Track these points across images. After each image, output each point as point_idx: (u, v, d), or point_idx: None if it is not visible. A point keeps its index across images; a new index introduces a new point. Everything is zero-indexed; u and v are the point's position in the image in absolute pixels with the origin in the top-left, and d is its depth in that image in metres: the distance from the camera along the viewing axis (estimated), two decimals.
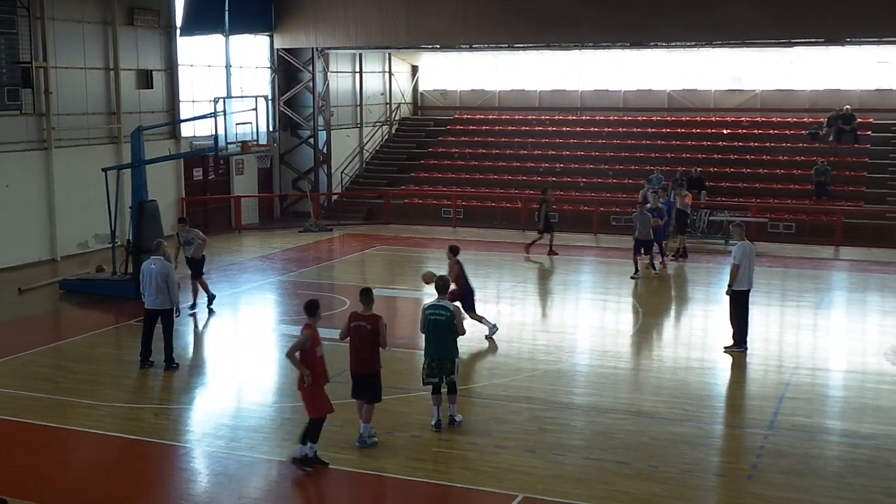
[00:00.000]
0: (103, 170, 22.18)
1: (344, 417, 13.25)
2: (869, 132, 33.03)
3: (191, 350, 17.73)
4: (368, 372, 12.37)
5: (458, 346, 13.12)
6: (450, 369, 12.89)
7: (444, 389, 13.03)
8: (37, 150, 25.66)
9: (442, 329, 12.83)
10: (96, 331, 18.70)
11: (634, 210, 24.39)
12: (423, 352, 13.12)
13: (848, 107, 32.89)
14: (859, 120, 32.81)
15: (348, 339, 12.45)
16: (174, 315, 16.01)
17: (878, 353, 17.11)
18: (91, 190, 24.82)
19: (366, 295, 12.51)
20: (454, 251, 17.63)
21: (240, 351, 18.20)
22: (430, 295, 14.71)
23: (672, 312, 21.25)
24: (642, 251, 23.63)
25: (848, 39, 29.17)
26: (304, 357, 11.72)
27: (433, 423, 13.03)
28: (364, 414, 12.49)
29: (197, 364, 16.81)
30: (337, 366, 15.48)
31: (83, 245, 26.87)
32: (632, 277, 23.27)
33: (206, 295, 20.24)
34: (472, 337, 16.31)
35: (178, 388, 15.20)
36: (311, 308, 11.96)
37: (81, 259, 25.80)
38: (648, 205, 24.68)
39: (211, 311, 20.01)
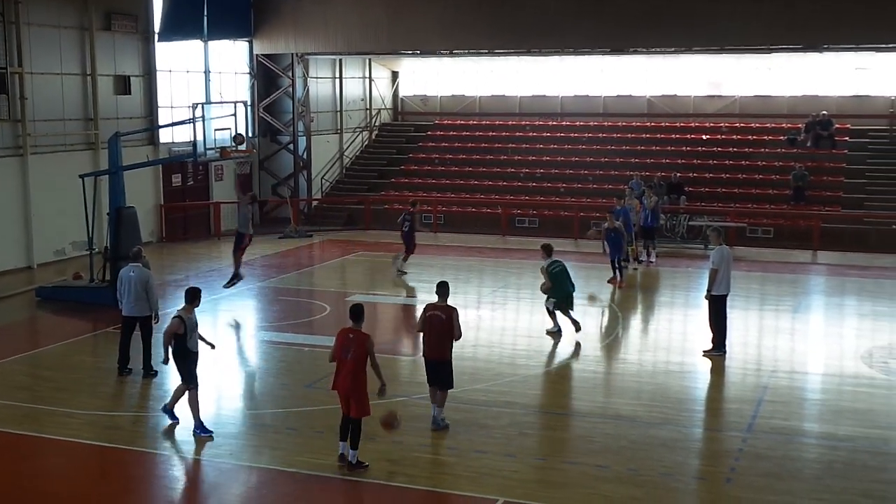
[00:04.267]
0: (81, 176, 22.05)
1: (322, 423, 13.23)
2: (846, 138, 33.27)
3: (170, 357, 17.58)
4: (441, 359, 12.95)
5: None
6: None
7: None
8: (12, 157, 25.45)
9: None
10: (74, 338, 18.57)
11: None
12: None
13: (825, 112, 33.11)
14: (837, 126, 33.03)
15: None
16: (153, 322, 15.92)
17: (856, 357, 17.21)
18: (68, 197, 24.63)
19: (442, 287, 13.15)
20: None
21: (219, 358, 18.12)
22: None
23: (651, 317, 21.31)
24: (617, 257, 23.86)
25: (826, 46, 29.37)
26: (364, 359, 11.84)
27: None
28: (438, 399, 13.12)
29: (176, 371, 16.65)
30: (318, 371, 15.49)
31: (60, 252, 26.65)
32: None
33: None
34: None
35: (156, 396, 15.09)
36: (359, 313, 12.18)
37: (58, 266, 25.61)
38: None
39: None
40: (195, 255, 27.67)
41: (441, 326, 12.87)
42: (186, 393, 13.20)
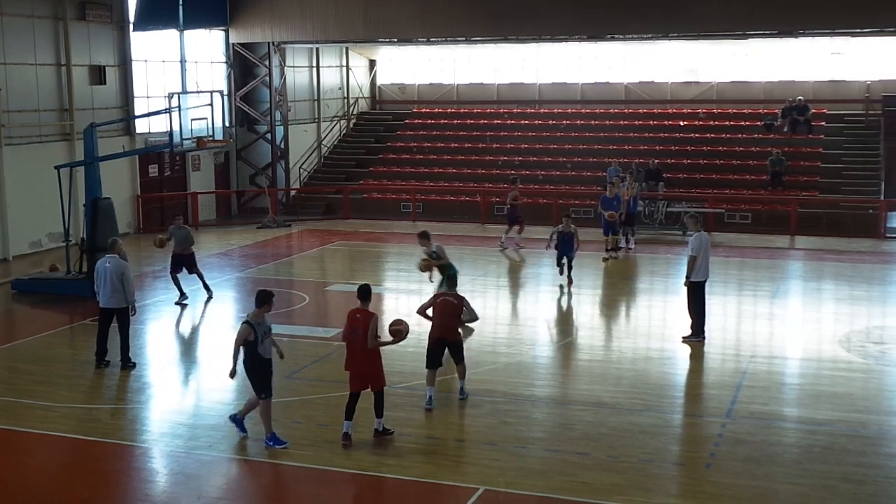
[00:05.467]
0: (56, 167, 21.86)
1: (303, 413, 13.20)
2: (823, 122, 33.43)
3: (147, 349, 17.50)
4: (452, 337, 13.80)
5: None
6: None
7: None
8: None
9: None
10: (51, 331, 18.43)
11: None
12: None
13: (801, 98, 33.26)
14: (813, 111, 33.18)
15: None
16: (130, 313, 15.82)
17: (834, 341, 17.33)
18: (43, 188, 24.43)
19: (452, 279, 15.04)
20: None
21: (198, 349, 18.06)
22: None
23: (631, 303, 21.36)
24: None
25: (801, 31, 29.49)
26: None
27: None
28: (458, 373, 14.00)
29: (154, 363, 16.60)
30: (299, 362, 15.45)
31: (36, 244, 26.45)
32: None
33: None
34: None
35: (134, 388, 15.02)
36: (366, 293, 12.46)
37: (34, 258, 25.41)
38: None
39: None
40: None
41: (452, 309, 13.79)
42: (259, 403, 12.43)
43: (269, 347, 12.27)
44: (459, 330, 14.12)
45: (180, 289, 20.53)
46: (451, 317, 13.83)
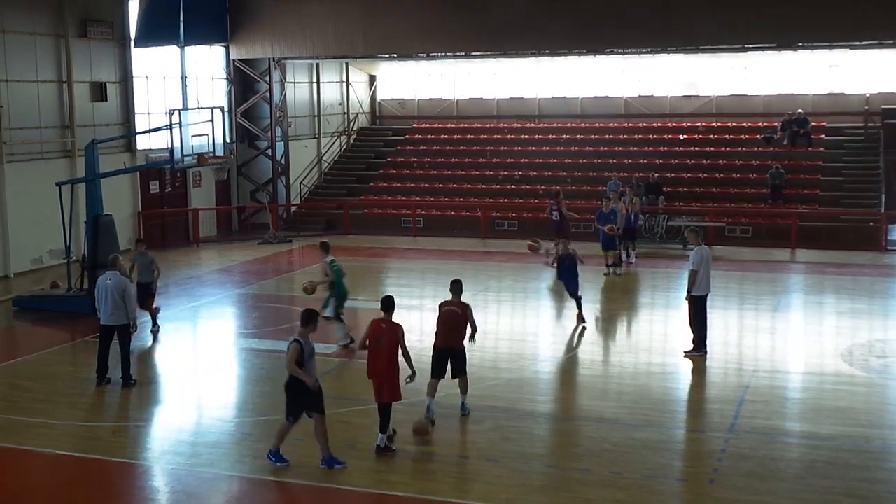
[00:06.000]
0: (57, 184, 21.88)
1: (304, 431, 13.16)
2: (822, 136, 33.48)
3: (149, 365, 17.48)
4: (456, 347, 13.67)
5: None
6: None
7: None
8: None
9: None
10: (52, 348, 18.41)
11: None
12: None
13: (801, 111, 33.31)
14: (813, 124, 33.23)
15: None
16: (131, 330, 15.80)
17: (836, 355, 17.28)
18: (45, 205, 24.43)
19: (455, 285, 13.97)
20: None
21: (199, 366, 18.02)
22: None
23: (632, 318, 21.33)
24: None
25: (800, 45, 29.56)
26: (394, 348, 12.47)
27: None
28: (460, 388, 13.87)
29: (155, 380, 16.58)
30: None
31: (37, 261, 26.44)
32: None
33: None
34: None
35: (136, 405, 14.99)
36: (390, 304, 12.75)
37: (36, 275, 25.40)
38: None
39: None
40: (174, 262, 27.48)
41: (456, 319, 13.65)
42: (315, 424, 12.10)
43: (313, 369, 12.01)
44: (466, 342, 13.89)
45: (153, 317, 19.28)
46: (454, 326, 13.67)
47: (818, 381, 15.95)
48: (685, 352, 17.13)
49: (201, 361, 18.36)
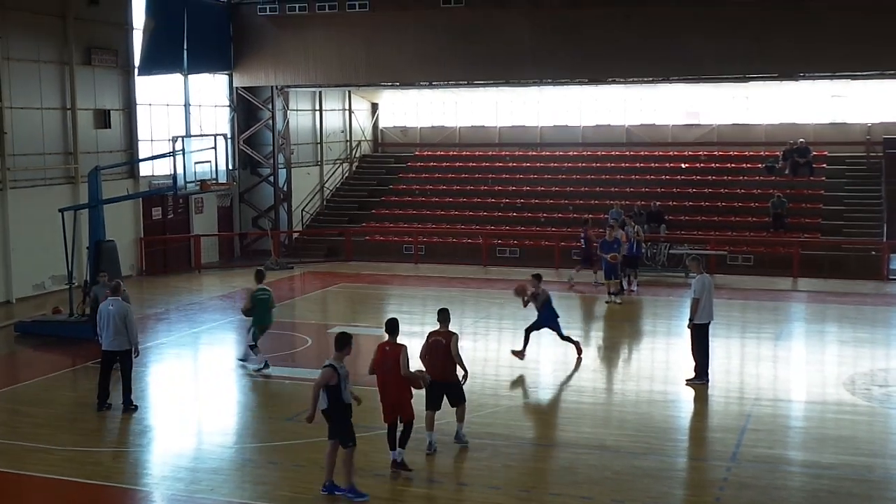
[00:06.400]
0: (60, 210, 21.94)
1: (306, 457, 13.12)
2: (824, 165, 33.56)
3: (149, 391, 17.45)
4: (448, 381, 13.37)
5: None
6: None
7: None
8: None
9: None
10: (53, 373, 18.39)
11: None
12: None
13: (803, 140, 33.42)
14: (814, 153, 33.32)
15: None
16: (133, 356, 15.78)
17: (838, 384, 17.23)
18: (47, 230, 24.49)
19: (443, 314, 13.57)
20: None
21: (199, 391, 17.99)
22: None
23: (634, 346, 21.31)
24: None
25: (802, 74, 29.71)
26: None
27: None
28: (457, 416, 13.65)
29: (156, 405, 16.55)
30: (300, 404, 15.39)
31: (39, 286, 26.46)
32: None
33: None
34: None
35: (136, 431, 14.95)
36: (394, 327, 12.74)
37: (38, 301, 25.41)
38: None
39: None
40: (176, 289, 27.50)
41: (441, 349, 13.36)
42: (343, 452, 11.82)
43: (348, 392, 11.74)
44: (458, 372, 13.42)
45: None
46: (441, 357, 13.31)
47: (820, 409, 15.90)
48: (687, 380, 17.10)
49: (202, 387, 18.33)
